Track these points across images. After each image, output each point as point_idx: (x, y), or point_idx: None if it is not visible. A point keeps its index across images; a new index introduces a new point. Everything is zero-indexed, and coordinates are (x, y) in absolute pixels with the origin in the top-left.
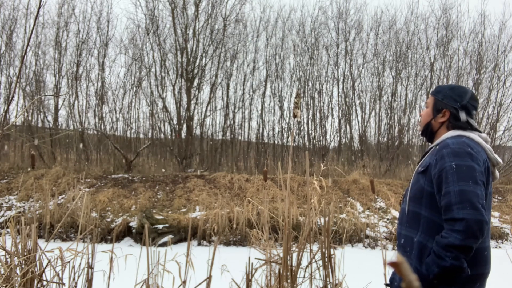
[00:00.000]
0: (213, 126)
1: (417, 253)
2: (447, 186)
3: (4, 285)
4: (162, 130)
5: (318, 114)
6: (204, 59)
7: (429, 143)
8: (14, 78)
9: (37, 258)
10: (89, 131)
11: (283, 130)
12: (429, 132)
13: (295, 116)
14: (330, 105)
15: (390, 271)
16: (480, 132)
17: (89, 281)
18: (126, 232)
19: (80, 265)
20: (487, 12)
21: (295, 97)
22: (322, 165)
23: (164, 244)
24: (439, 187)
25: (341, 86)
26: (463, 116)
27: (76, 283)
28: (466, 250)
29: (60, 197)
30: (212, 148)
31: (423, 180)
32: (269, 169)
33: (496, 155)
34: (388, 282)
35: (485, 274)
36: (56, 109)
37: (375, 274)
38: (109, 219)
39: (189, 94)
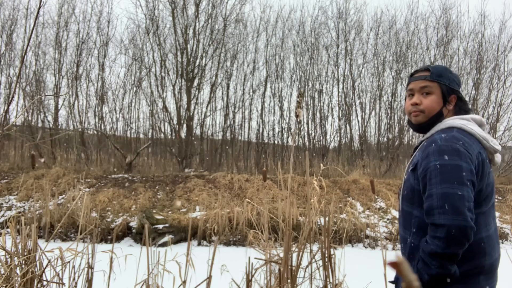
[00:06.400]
0: (213, 126)
1: (408, 256)
2: (430, 188)
3: (4, 285)
4: (162, 130)
5: (318, 114)
6: (204, 59)
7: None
8: (14, 78)
9: (37, 258)
10: (89, 131)
11: (283, 130)
12: (436, 123)
13: (297, 116)
14: (330, 105)
15: (391, 271)
16: (470, 112)
17: (89, 281)
18: (126, 232)
19: (80, 265)
20: (487, 12)
21: (297, 96)
22: (322, 165)
23: (164, 244)
24: (424, 188)
25: (341, 86)
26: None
27: (76, 283)
28: (451, 257)
29: (60, 197)
30: (212, 148)
31: (413, 179)
32: (269, 169)
33: (492, 143)
34: (392, 280)
35: (486, 265)
36: (56, 109)
37: (375, 274)
38: (109, 219)
39: (189, 94)
